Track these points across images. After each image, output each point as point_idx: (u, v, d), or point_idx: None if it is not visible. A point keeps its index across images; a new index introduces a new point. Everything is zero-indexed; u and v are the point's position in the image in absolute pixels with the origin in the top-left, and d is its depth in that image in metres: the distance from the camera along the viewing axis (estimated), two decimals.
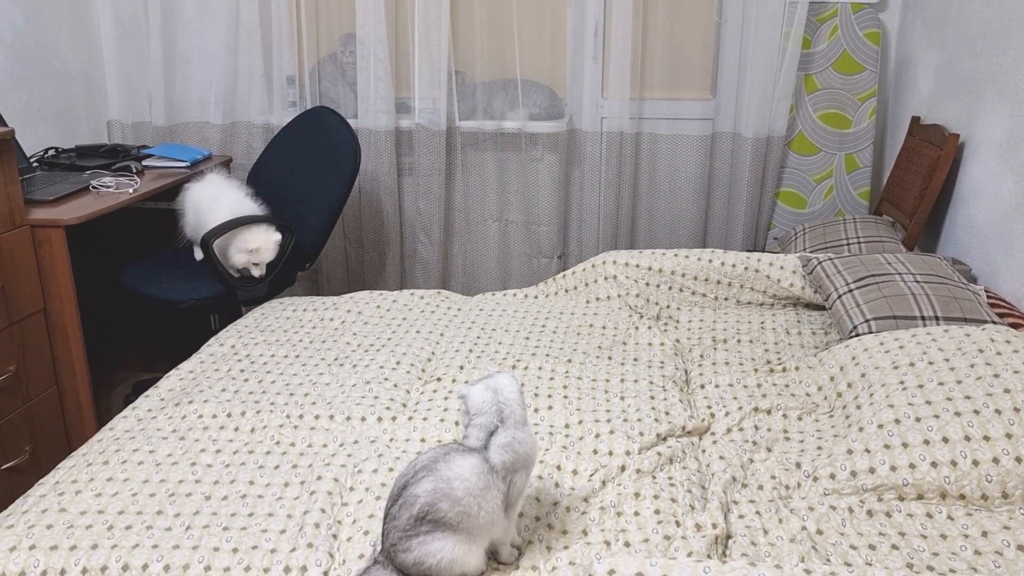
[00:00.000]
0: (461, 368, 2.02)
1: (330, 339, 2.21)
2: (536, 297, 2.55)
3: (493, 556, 1.35)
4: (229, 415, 1.78)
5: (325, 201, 2.69)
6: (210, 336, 2.27)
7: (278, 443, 1.71)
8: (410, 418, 1.78)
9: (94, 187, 2.58)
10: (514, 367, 2.02)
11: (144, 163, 2.89)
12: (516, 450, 1.28)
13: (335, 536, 1.41)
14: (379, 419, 1.77)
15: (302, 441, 1.71)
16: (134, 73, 3.28)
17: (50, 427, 2.37)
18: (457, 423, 1.77)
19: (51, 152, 2.95)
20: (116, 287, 2.67)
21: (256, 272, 2.57)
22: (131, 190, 2.56)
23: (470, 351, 2.13)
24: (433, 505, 1.22)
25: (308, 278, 3.51)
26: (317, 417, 1.77)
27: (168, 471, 1.59)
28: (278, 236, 2.56)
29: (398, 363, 2.04)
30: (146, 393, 1.93)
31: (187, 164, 2.90)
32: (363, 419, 1.77)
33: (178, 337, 3.25)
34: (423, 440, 1.72)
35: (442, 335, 2.24)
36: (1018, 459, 1.46)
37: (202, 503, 1.49)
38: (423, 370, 2.04)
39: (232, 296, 2.58)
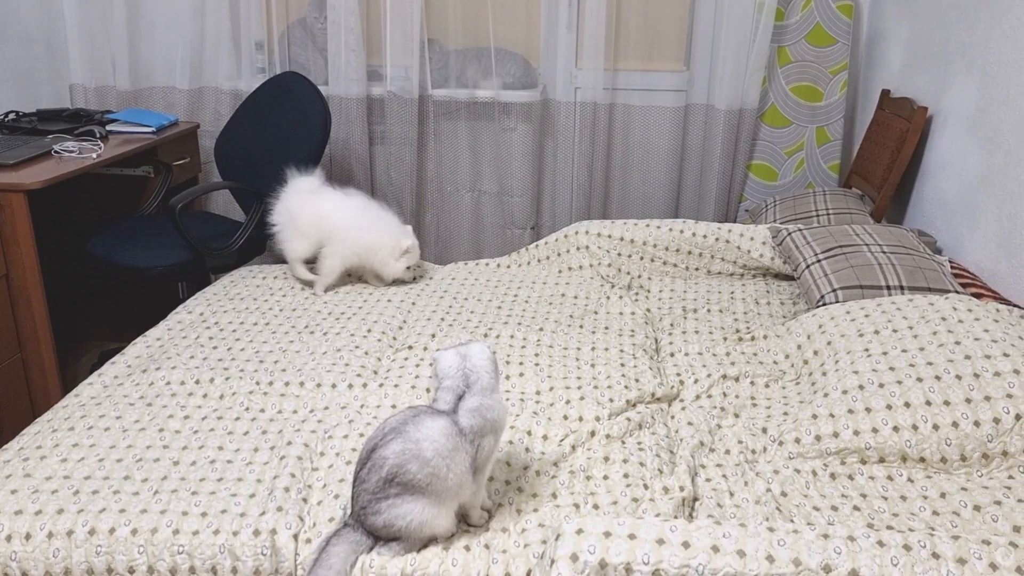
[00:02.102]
0: (433, 336, 2.01)
1: (300, 307, 2.20)
2: (508, 267, 2.55)
3: (463, 519, 1.36)
4: (197, 382, 1.77)
5: (295, 169, 2.65)
6: (178, 305, 2.24)
7: (247, 409, 1.70)
8: (381, 385, 1.78)
9: (56, 152, 2.52)
10: (486, 335, 2.03)
11: (108, 128, 2.82)
12: (484, 415, 1.29)
13: (305, 500, 1.41)
14: (350, 386, 1.77)
15: (272, 407, 1.71)
16: (97, 36, 3.19)
17: (14, 396, 2.34)
18: (428, 390, 1.77)
19: (11, 116, 2.87)
20: (81, 255, 2.62)
21: (409, 276, 2.38)
22: (95, 155, 2.51)
23: (442, 319, 2.13)
24: (402, 467, 1.23)
25: (278, 247, 3.47)
26: (287, 384, 1.76)
27: (135, 437, 1.57)
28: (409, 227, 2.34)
29: (369, 331, 2.03)
30: (112, 360, 1.91)
31: (152, 130, 2.84)
32: (333, 386, 1.77)
33: (145, 306, 3.20)
34: (394, 406, 1.72)
35: (414, 304, 2.24)
36: (976, 423, 1.49)
37: (170, 468, 1.48)
38: (394, 338, 2.03)
39: (200, 264, 2.54)
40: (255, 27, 3.15)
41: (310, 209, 2.28)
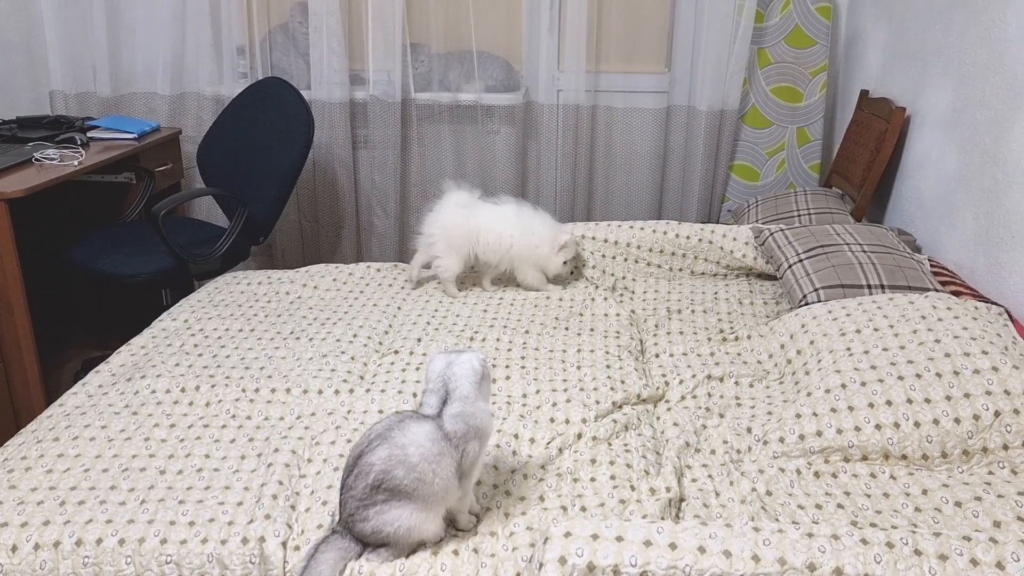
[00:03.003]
0: (419, 340, 2.02)
1: (286, 313, 2.19)
2: None
3: (452, 524, 1.37)
4: (183, 389, 1.76)
5: (278, 174, 2.65)
6: (162, 312, 2.23)
7: (234, 416, 1.69)
8: (368, 390, 1.78)
9: (37, 159, 2.51)
10: (472, 339, 2.03)
11: (89, 135, 2.81)
12: (468, 421, 1.30)
13: (293, 507, 1.41)
14: (336, 392, 1.77)
15: (258, 414, 1.70)
16: (77, 42, 3.17)
17: None
18: (415, 394, 1.77)
19: None
20: (64, 263, 2.60)
21: (567, 271, 2.42)
22: (76, 163, 2.49)
23: (428, 323, 2.13)
24: (388, 472, 1.23)
25: (262, 253, 3.46)
26: (273, 391, 1.76)
27: (121, 446, 1.57)
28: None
29: (355, 336, 2.03)
30: (96, 369, 1.89)
31: (134, 136, 2.83)
32: (320, 392, 1.77)
33: (129, 314, 3.18)
34: (381, 412, 1.72)
35: (399, 308, 2.24)
36: (957, 420, 1.51)
37: (157, 478, 1.48)
38: (380, 343, 2.03)
39: (184, 270, 2.53)
40: (237, 32, 3.14)
41: (465, 224, 2.28)
